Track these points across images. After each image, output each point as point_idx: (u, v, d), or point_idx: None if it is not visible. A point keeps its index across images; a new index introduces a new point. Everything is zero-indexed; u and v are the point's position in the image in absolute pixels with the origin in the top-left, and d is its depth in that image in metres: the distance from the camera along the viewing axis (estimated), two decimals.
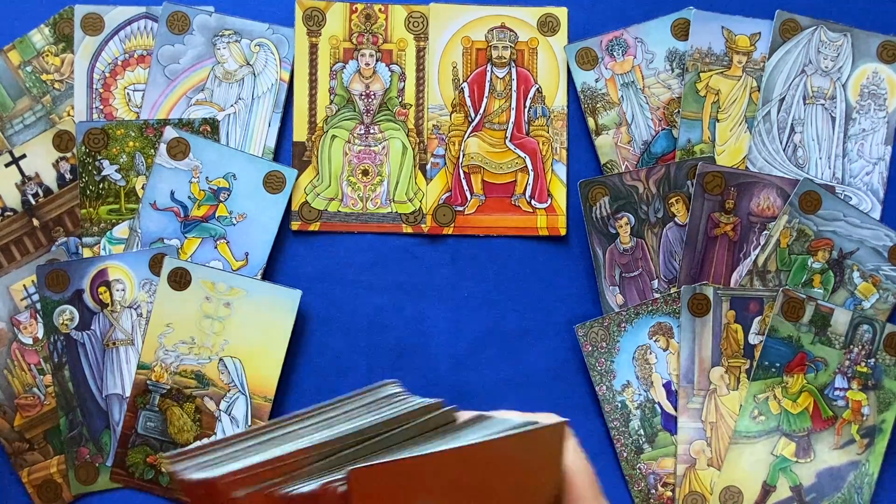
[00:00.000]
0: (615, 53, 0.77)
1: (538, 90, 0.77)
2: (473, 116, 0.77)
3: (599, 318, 0.76)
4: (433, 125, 0.77)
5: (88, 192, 0.75)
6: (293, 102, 0.77)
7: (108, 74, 0.76)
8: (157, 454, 0.74)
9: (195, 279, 0.74)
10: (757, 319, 0.75)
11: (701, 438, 0.75)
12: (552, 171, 0.77)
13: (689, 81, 0.77)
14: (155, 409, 0.74)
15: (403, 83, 0.77)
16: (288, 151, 0.77)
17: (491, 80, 0.77)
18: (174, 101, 0.76)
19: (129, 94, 0.76)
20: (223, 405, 0.74)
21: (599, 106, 0.77)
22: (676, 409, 0.75)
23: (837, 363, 0.75)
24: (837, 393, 0.75)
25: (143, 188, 0.75)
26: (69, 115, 0.75)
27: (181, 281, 0.74)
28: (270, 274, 0.76)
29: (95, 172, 0.75)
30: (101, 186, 0.75)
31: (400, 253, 0.77)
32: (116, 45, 0.76)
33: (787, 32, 0.77)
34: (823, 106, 0.77)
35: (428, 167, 0.77)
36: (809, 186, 0.75)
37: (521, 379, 0.76)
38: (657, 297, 0.76)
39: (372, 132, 0.77)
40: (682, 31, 0.77)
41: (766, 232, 0.76)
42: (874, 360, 0.75)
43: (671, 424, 0.75)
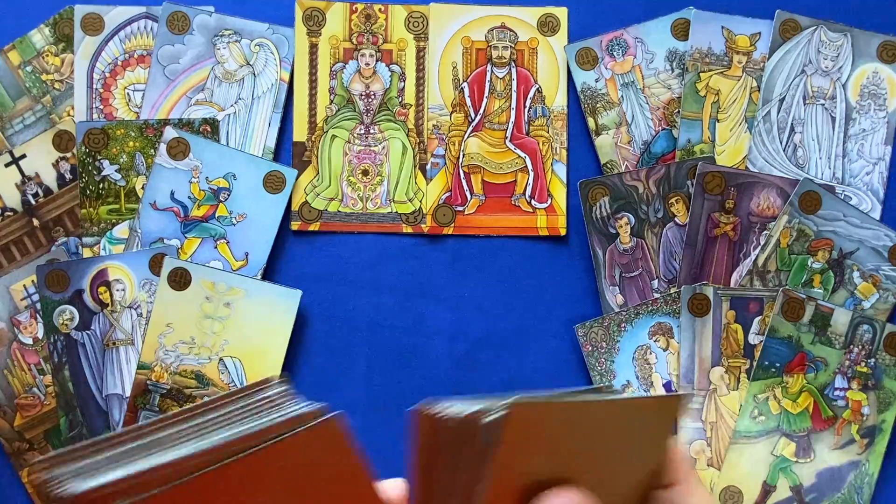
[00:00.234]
0: (615, 53, 0.77)
1: (538, 90, 0.77)
2: (473, 116, 0.77)
3: (599, 318, 0.75)
4: (433, 125, 0.77)
5: (88, 192, 0.75)
6: (293, 102, 0.77)
7: (108, 74, 0.76)
8: None
9: (195, 279, 0.74)
10: (757, 319, 0.75)
11: (701, 438, 0.75)
12: (552, 171, 0.77)
13: (689, 81, 0.77)
14: (155, 409, 0.74)
15: (403, 83, 0.77)
16: (288, 151, 0.77)
17: (491, 80, 0.77)
18: (174, 101, 0.76)
19: (129, 94, 0.76)
20: None
21: (599, 106, 0.77)
22: None
23: (837, 363, 0.75)
24: (837, 393, 0.75)
25: (143, 188, 0.75)
26: (69, 115, 0.75)
27: (181, 281, 0.74)
28: (270, 274, 0.76)
29: (95, 172, 0.75)
30: (101, 186, 0.75)
31: (400, 253, 0.77)
32: (116, 45, 0.76)
33: (787, 32, 0.77)
34: (823, 106, 0.77)
35: (428, 167, 0.77)
36: (809, 186, 0.75)
37: (521, 379, 0.76)
38: (657, 297, 0.76)
39: (372, 132, 0.77)
40: (682, 31, 0.77)
41: (766, 232, 0.76)
42: (874, 360, 0.75)
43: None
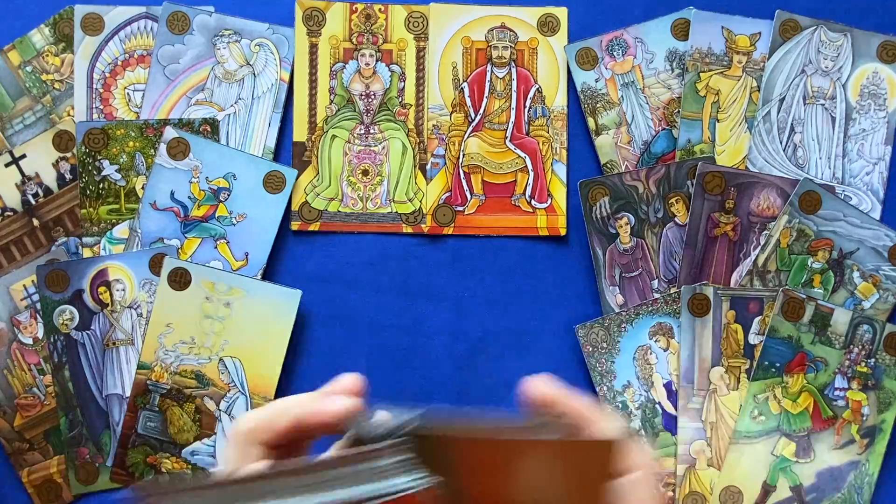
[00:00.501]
0: (615, 53, 0.77)
1: (538, 90, 0.77)
2: (473, 116, 0.77)
3: (600, 318, 0.75)
4: (433, 125, 0.77)
5: (88, 192, 0.75)
6: (293, 102, 0.77)
7: (108, 74, 0.76)
8: (156, 454, 0.74)
9: (195, 279, 0.74)
10: (757, 319, 0.75)
11: (701, 438, 0.75)
12: (552, 171, 0.77)
13: (689, 81, 0.77)
14: (155, 409, 0.74)
15: (403, 83, 0.77)
16: (288, 151, 0.77)
17: (491, 80, 0.77)
18: (174, 101, 0.76)
19: (129, 94, 0.76)
20: (223, 405, 0.74)
21: (599, 106, 0.77)
22: (677, 409, 0.75)
23: (837, 363, 0.75)
24: (837, 393, 0.75)
25: (143, 188, 0.75)
26: (69, 115, 0.75)
27: (181, 281, 0.74)
28: (270, 274, 0.76)
29: (95, 172, 0.75)
30: (101, 186, 0.75)
31: (400, 253, 0.77)
32: (116, 45, 0.76)
33: (787, 32, 0.77)
34: (823, 106, 0.77)
35: (428, 167, 0.77)
36: (809, 186, 0.75)
37: (521, 379, 0.76)
38: (657, 297, 0.76)
39: (372, 132, 0.77)
40: (682, 31, 0.77)
41: (766, 232, 0.76)
42: (874, 360, 0.75)
43: (672, 425, 0.75)
